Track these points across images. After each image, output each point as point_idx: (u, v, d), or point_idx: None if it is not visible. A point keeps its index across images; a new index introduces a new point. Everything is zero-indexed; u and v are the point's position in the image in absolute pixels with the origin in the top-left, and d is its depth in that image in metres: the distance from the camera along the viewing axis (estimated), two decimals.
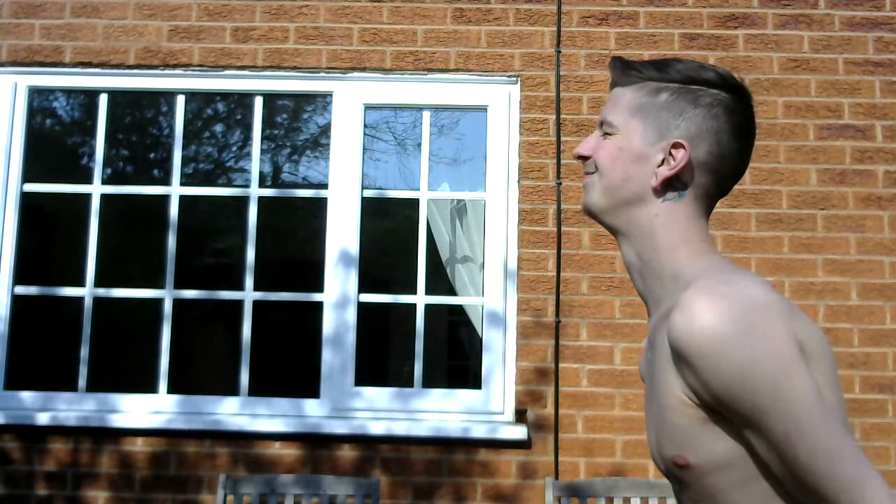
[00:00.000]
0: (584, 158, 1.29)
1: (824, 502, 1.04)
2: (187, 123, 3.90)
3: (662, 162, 1.22)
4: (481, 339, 3.59)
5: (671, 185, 1.22)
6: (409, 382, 3.66)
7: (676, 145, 1.21)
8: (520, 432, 3.41)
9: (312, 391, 3.55)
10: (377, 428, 3.45)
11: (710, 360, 1.04)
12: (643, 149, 1.23)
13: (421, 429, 3.44)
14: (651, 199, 1.22)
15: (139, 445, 3.47)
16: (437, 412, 3.53)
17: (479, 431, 3.42)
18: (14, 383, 3.60)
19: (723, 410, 1.07)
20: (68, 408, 3.53)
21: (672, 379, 1.12)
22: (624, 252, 1.27)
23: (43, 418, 3.46)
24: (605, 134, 1.27)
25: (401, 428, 3.45)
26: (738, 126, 1.23)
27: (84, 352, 3.62)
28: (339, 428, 3.45)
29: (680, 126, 1.22)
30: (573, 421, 3.45)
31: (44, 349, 5.58)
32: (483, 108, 3.71)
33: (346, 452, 3.46)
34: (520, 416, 3.47)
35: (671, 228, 1.22)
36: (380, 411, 3.53)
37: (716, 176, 1.23)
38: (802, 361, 1.05)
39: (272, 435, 3.47)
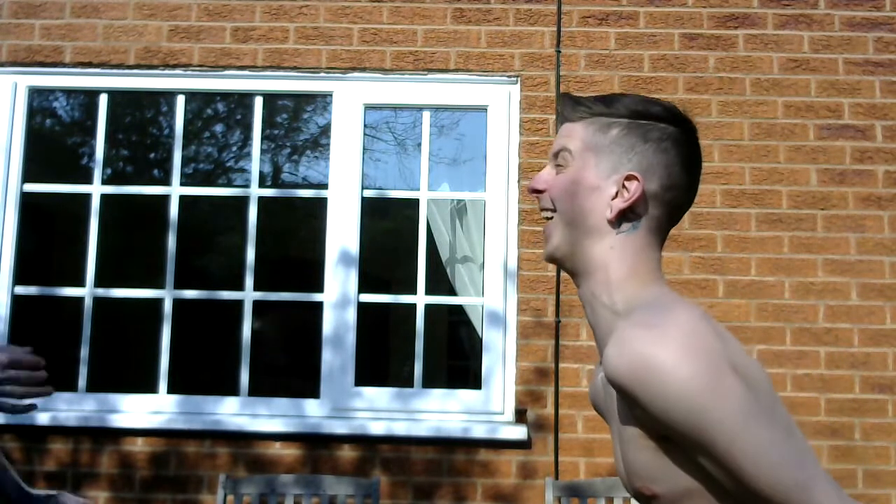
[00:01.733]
0: (538, 192, 1.30)
1: None
2: (187, 123, 3.90)
3: (616, 195, 1.24)
4: (481, 339, 3.59)
5: (625, 217, 1.23)
6: (409, 382, 3.66)
7: (629, 177, 1.24)
8: (520, 432, 3.41)
9: (312, 391, 3.55)
10: (377, 428, 3.45)
11: (646, 388, 1.06)
12: (597, 181, 1.25)
13: (421, 429, 3.44)
14: (607, 231, 1.24)
15: (139, 445, 3.47)
16: (437, 412, 3.53)
17: (479, 431, 3.42)
18: None
19: (673, 438, 1.09)
20: (68, 408, 3.53)
21: (624, 413, 1.15)
22: (581, 292, 1.27)
23: (43, 418, 3.46)
24: (558, 166, 1.29)
25: (401, 428, 3.45)
26: (686, 158, 1.26)
27: (84, 352, 3.62)
28: (339, 428, 3.45)
29: (632, 160, 1.24)
30: (573, 421, 3.45)
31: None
32: (483, 108, 3.71)
33: (346, 452, 3.46)
34: (520, 416, 3.47)
35: (623, 261, 1.23)
36: (380, 411, 3.53)
37: (667, 207, 1.26)
38: (735, 375, 1.06)
39: (272, 435, 3.47)
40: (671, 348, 1.06)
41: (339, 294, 3.57)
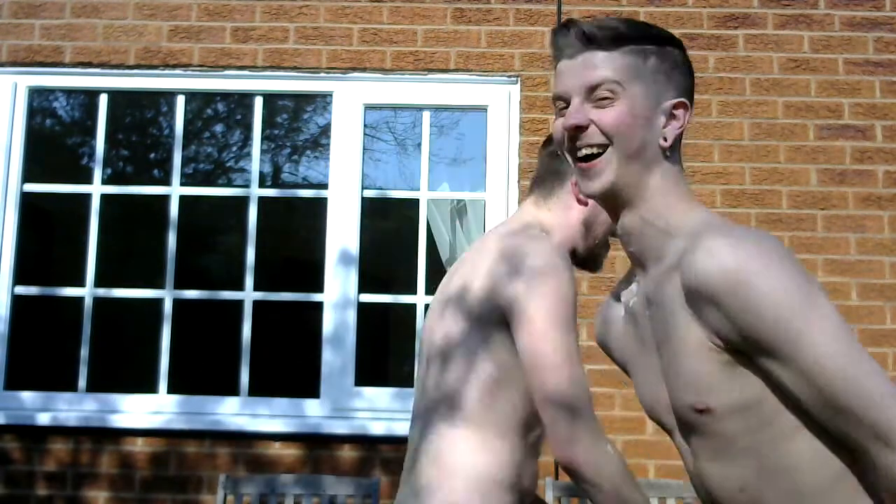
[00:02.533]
0: (581, 129, 1.24)
1: (855, 422, 1.05)
2: (187, 123, 3.90)
3: (667, 123, 1.25)
4: None
5: (672, 145, 1.26)
6: (409, 382, 3.66)
7: (679, 105, 1.26)
8: None
9: (312, 391, 3.55)
10: (377, 428, 3.45)
11: (739, 295, 1.08)
12: (649, 112, 1.24)
13: None
14: (660, 160, 1.25)
15: (139, 445, 3.47)
16: None
17: None
18: (14, 383, 3.60)
19: (749, 348, 1.11)
20: (69, 408, 3.53)
21: (691, 326, 1.15)
22: (625, 221, 1.27)
23: (43, 418, 3.46)
24: (602, 99, 1.24)
25: (401, 428, 3.45)
26: (693, 81, 1.32)
27: (84, 352, 3.62)
28: (339, 428, 3.45)
29: (672, 87, 1.27)
30: None
31: (44, 349, 5.58)
32: (483, 108, 3.71)
33: (346, 452, 3.46)
34: None
35: (674, 186, 1.26)
36: (380, 411, 3.53)
37: (684, 130, 1.30)
38: (823, 291, 1.11)
39: (272, 435, 3.47)
40: (767, 260, 1.08)
41: (339, 294, 3.57)
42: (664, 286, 1.20)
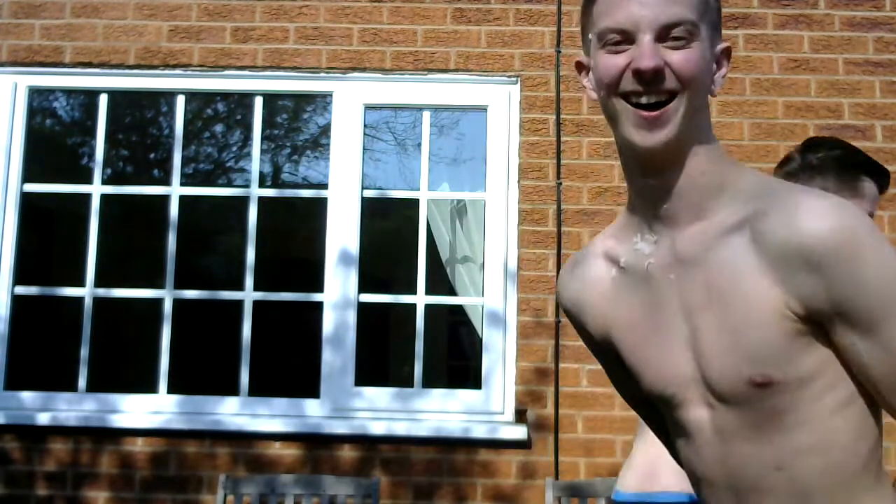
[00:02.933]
0: (656, 71, 1.09)
1: None
2: (187, 123, 3.90)
3: (718, 69, 1.18)
4: (481, 340, 3.59)
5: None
6: (409, 382, 3.66)
7: (727, 50, 1.19)
8: (520, 432, 3.41)
9: (312, 391, 3.55)
10: (377, 428, 3.45)
11: (850, 262, 1.02)
12: (711, 57, 1.16)
13: (421, 429, 3.44)
14: (705, 108, 1.16)
15: (139, 445, 3.47)
16: (438, 412, 3.53)
17: (479, 431, 3.42)
18: (14, 383, 3.60)
19: (833, 317, 1.05)
20: (68, 408, 3.53)
21: (768, 291, 1.06)
22: (666, 176, 1.14)
23: (43, 418, 3.46)
24: (677, 39, 1.10)
25: (401, 428, 3.45)
26: None
27: (84, 352, 3.62)
28: (339, 428, 3.45)
29: (719, 28, 1.19)
30: (573, 421, 3.45)
31: (44, 349, 5.58)
32: (483, 108, 3.71)
33: (346, 452, 3.46)
34: (520, 417, 3.47)
35: (712, 137, 1.17)
36: (380, 411, 3.53)
37: None
38: None
39: (272, 435, 3.47)
40: (872, 228, 1.04)
41: (339, 294, 3.57)
42: (717, 247, 1.11)
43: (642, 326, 1.20)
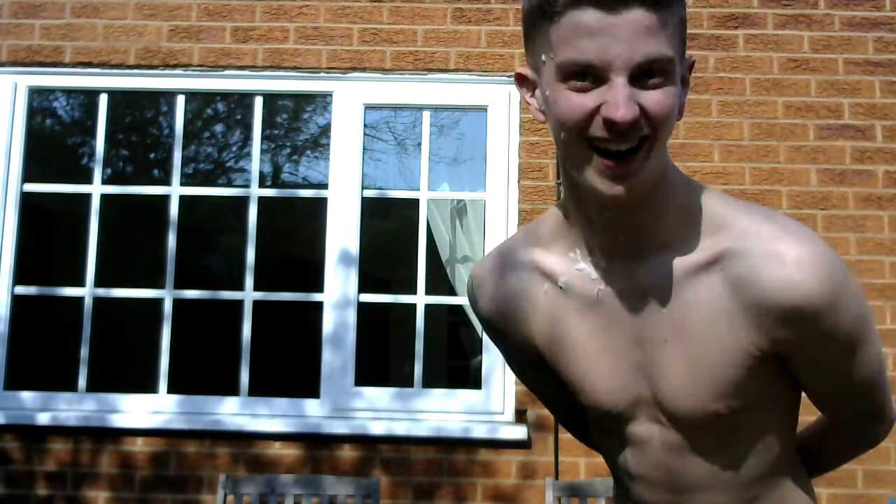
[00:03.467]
0: (632, 123, 0.95)
1: (867, 404, 1.14)
2: (187, 123, 3.90)
3: (682, 91, 1.04)
4: (481, 339, 3.59)
5: None
6: (409, 382, 3.66)
7: (691, 66, 1.06)
8: (520, 432, 3.41)
9: (312, 391, 3.55)
10: (377, 428, 3.45)
11: (829, 315, 1.00)
12: (681, 85, 1.03)
13: (421, 429, 3.44)
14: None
15: (139, 445, 3.47)
16: (438, 412, 3.53)
17: (479, 431, 3.42)
18: (14, 383, 3.60)
19: (805, 356, 1.06)
20: (68, 408, 3.53)
21: (738, 335, 1.04)
22: (628, 214, 1.05)
23: (43, 418, 3.46)
24: (651, 77, 0.95)
25: (401, 428, 3.45)
26: None
27: (84, 352, 3.62)
28: (339, 428, 3.45)
29: (686, 39, 1.03)
30: None
31: (44, 349, 5.58)
32: (483, 108, 3.71)
33: (346, 452, 3.46)
34: (520, 416, 3.47)
35: (671, 163, 1.08)
36: (380, 411, 3.53)
37: None
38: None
39: (272, 435, 3.47)
40: (846, 278, 1.02)
41: (339, 294, 3.57)
42: (686, 285, 1.06)
43: (586, 348, 1.14)
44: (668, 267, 1.07)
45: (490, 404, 3.51)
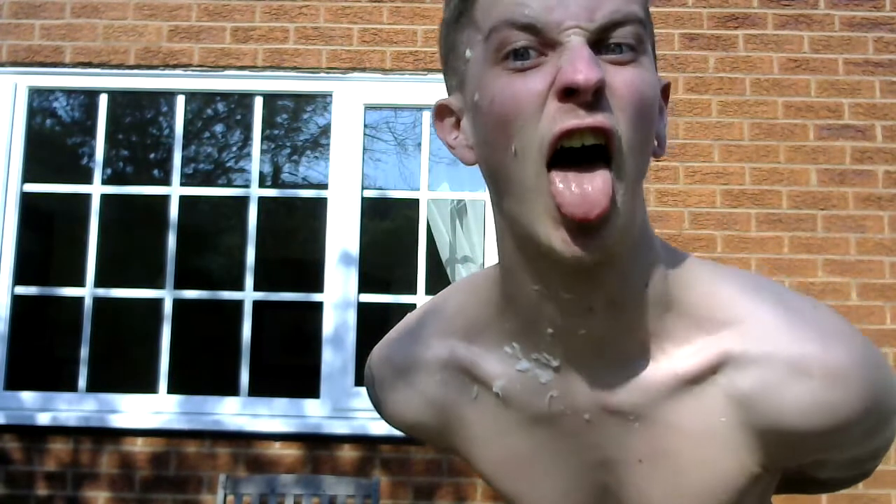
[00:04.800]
0: (599, 91, 0.68)
1: (867, 470, 0.91)
2: (187, 123, 3.90)
3: (660, 119, 0.77)
4: None
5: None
6: None
7: (667, 89, 0.79)
8: None
9: (312, 391, 3.55)
10: (377, 428, 3.44)
11: (867, 419, 0.77)
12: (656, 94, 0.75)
13: None
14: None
15: (139, 445, 3.47)
16: None
17: None
18: (14, 383, 3.60)
19: (819, 462, 0.85)
20: (68, 408, 3.53)
21: (742, 455, 0.81)
22: (592, 291, 0.76)
23: (43, 418, 3.46)
24: (618, 49, 0.70)
25: None
26: None
27: (84, 352, 3.62)
28: (339, 428, 3.45)
29: (655, 55, 0.78)
30: None
31: (44, 349, 5.58)
32: None
33: (347, 452, 3.46)
34: None
35: (647, 217, 0.80)
36: None
37: None
38: None
39: (272, 435, 3.47)
40: (873, 356, 0.79)
41: (340, 294, 3.57)
42: (671, 401, 0.80)
43: (530, 469, 0.89)
44: (649, 374, 0.80)
45: None
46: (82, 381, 3.59)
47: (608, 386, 0.80)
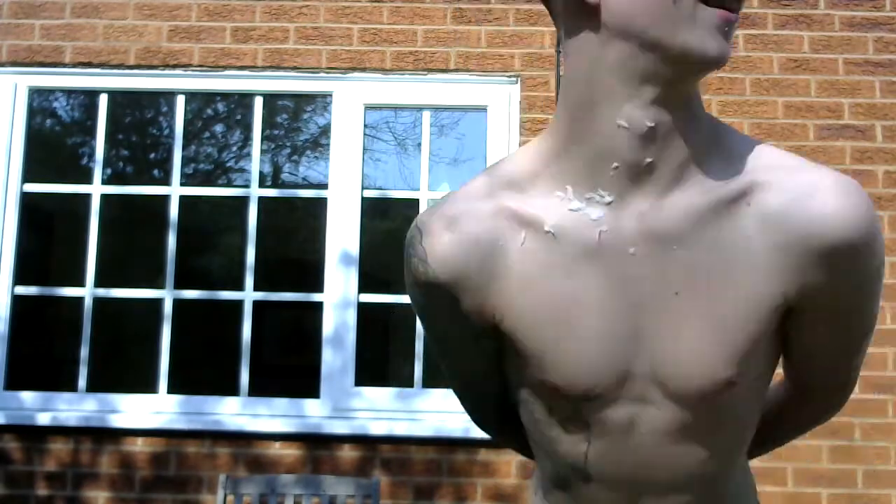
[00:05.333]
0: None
1: (845, 369, 1.00)
2: (187, 123, 3.90)
3: None
4: None
5: None
6: (409, 382, 3.66)
7: None
8: None
9: (312, 391, 3.55)
10: (377, 428, 3.45)
11: (865, 259, 0.90)
12: None
13: (421, 429, 3.44)
14: None
15: (139, 445, 3.47)
16: (438, 412, 3.53)
17: (479, 431, 3.43)
18: (14, 383, 3.60)
19: (825, 306, 0.92)
20: (69, 408, 3.53)
21: (767, 281, 0.90)
22: (663, 113, 0.89)
23: (43, 418, 3.46)
24: None
25: (401, 428, 3.45)
26: None
27: (84, 352, 3.62)
28: (339, 428, 3.45)
29: None
30: None
31: (44, 349, 5.58)
32: (483, 108, 3.71)
33: (347, 453, 3.46)
34: None
35: None
36: (380, 411, 3.53)
37: None
38: None
39: (272, 435, 3.47)
40: (872, 208, 0.93)
41: (339, 294, 3.58)
42: (710, 222, 0.90)
43: (567, 311, 0.93)
44: (692, 199, 0.90)
45: None
46: (82, 381, 3.59)
47: (655, 213, 0.90)
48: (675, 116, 0.89)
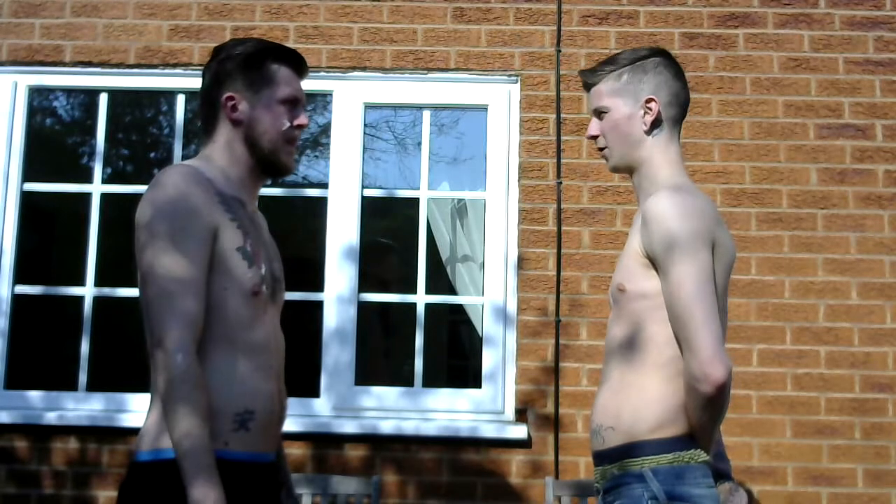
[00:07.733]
0: (594, 137, 1.98)
1: (682, 326, 1.76)
2: (187, 123, 3.89)
3: (644, 113, 1.92)
4: (482, 339, 3.60)
5: (654, 125, 1.93)
6: (409, 381, 3.66)
7: (649, 100, 1.92)
8: (521, 431, 3.41)
9: (313, 390, 3.55)
10: (378, 427, 3.45)
11: (654, 224, 1.79)
12: (630, 112, 1.93)
13: (422, 428, 3.45)
14: (645, 139, 1.93)
15: None
16: (439, 411, 3.53)
17: (480, 431, 3.43)
18: (15, 383, 3.60)
19: (653, 259, 1.81)
20: (74, 407, 3.53)
21: (636, 237, 1.85)
22: (634, 181, 1.96)
23: (50, 417, 3.46)
24: (601, 114, 1.96)
25: (402, 427, 3.45)
26: (675, 72, 1.96)
27: (85, 351, 3.62)
28: (339, 427, 3.45)
29: (644, 88, 1.93)
30: (574, 420, 3.46)
31: (45, 348, 5.58)
32: (483, 108, 3.71)
33: (347, 451, 3.46)
34: (521, 416, 3.48)
35: (662, 152, 1.94)
36: (381, 411, 3.53)
37: (676, 108, 1.96)
38: (706, 247, 1.77)
39: None
40: (677, 208, 1.79)
41: (340, 293, 3.58)
42: (638, 217, 1.88)
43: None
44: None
45: (491, 404, 3.52)
46: (83, 381, 3.59)
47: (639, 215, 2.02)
48: (640, 178, 2.02)
